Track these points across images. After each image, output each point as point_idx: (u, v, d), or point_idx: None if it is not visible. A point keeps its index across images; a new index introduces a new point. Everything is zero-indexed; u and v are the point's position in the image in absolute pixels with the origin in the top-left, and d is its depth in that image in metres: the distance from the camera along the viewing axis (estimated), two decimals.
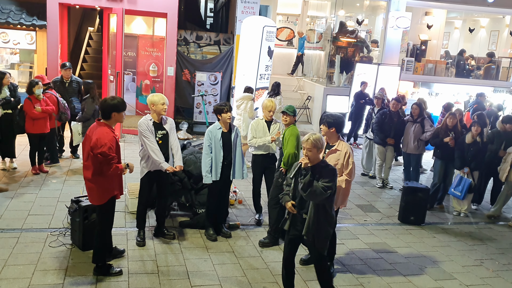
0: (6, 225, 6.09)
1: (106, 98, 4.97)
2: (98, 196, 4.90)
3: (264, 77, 11.53)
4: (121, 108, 4.89)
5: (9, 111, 7.85)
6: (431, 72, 14.37)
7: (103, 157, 4.66)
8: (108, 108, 4.82)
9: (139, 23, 12.25)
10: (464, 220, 7.88)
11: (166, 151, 5.77)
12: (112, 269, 5.09)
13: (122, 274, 5.08)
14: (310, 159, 4.47)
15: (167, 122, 5.84)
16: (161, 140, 5.73)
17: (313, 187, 4.36)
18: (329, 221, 4.59)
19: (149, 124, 5.66)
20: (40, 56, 11.39)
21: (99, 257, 5.04)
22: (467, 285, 5.62)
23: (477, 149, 7.69)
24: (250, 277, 5.31)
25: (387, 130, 8.89)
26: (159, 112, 5.67)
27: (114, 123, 4.93)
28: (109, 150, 4.68)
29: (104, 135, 4.72)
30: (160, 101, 5.64)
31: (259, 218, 6.88)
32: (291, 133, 5.93)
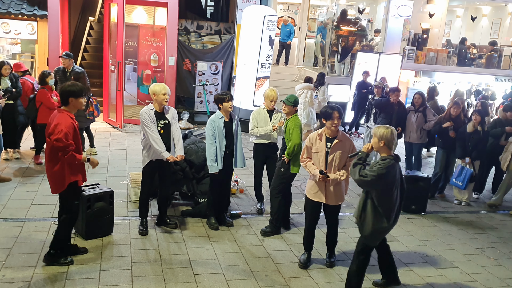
0: (10, 215, 6.14)
1: (64, 84, 4.95)
2: (55, 183, 4.87)
3: (265, 67, 11.52)
4: (78, 94, 4.82)
5: (10, 101, 7.86)
6: (433, 61, 14.33)
7: (59, 143, 4.63)
8: (65, 93, 4.79)
9: (140, 13, 12.20)
10: (465, 209, 7.90)
11: (167, 141, 5.78)
12: (65, 259, 5.02)
13: (72, 264, 5.00)
14: (374, 147, 4.61)
15: (169, 112, 5.84)
16: (163, 130, 5.74)
17: (352, 169, 4.60)
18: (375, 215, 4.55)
19: (150, 114, 5.67)
20: (41, 46, 11.38)
21: (57, 244, 5.00)
22: (468, 273, 5.66)
23: (478, 138, 7.70)
24: (252, 265, 5.35)
25: (387, 118, 8.86)
26: (161, 102, 5.68)
27: (73, 109, 4.88)
28: (65, 136, 4.64)
29: (62, 121, 4.69)
30: (161, 91, 5.64)
31: (261, 207, 6.91)
32: (295, 124, 5.94)
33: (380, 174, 4.40)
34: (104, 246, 5.51)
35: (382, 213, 4.54)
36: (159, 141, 5.62)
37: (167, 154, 5.65)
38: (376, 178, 4.40)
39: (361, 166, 4.55)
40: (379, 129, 4.57)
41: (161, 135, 5.70)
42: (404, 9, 13.57)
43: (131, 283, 4.79)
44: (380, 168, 4.42)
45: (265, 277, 5.13)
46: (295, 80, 15.07)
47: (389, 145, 4.53)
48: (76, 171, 4.91)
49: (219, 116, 6.03)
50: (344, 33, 14.76)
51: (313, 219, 5.48)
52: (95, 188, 5.77)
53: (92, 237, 5.60)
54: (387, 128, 4.56)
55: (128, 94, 11.75)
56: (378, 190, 4.51)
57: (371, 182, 4.43)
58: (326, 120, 5.16)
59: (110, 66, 11.19)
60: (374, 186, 4.49)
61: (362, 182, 4.47)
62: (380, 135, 4.52)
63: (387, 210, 4.54)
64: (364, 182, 4.46)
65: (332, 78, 13.45)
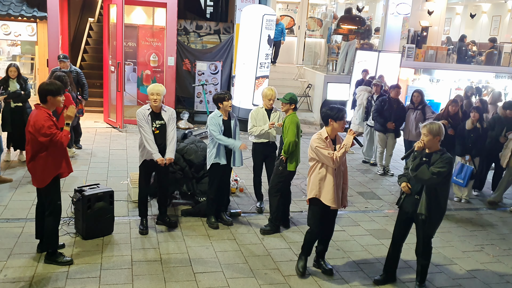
0: (11, 215, 6.18)
1: (42, 83, 5.03)
2: (38, 178, 4.93)
3: (264, 66, 11.55)
4: (56, 93, 4.91)
5: (19, 104, 7.94)
6: (432, 58, 14.30)
7: (46, 137, 4.72)
8: (43, 92, 4.89)
9: (139, 13, 12.23)
10: (464, 206, 7.92)
11: (163, 142, 5.80)
12: (63, 258, 5.09)
13: (72, 264, 5.06)
14: (426, 145, 4.73)
15: (166, 113, 5.85)
16: (158, 130, 5.76)
17: (422, 169, 4.66)
18: (439, 208, 4.81)
19: (145, 114, 5.70)
20: (41, 48, 11.41)
21: (51, 243, 5.06)
22: (467, 270, 5.68)
23: (477, 136, 7.71)
24: (252, 263, 5.38)
25: (387, 117, 8.90)
26: (150, 102, 5.73)
27: (51, 107, 4.97)
28: (48, 129, 4.73)
29: (39, 117, 4.79)
30: (149, 91, 5.70)
31: (260, 206, 6.94)
32: (291, 121, 5.96)
33: (450, 168, 4.70)
34: (105, 246, 5.54)
35: (443, 203, 4.84)
36: (152, 142, 5.66)
37: (157, 156, 5.68)
38: (448, 172, 4.67)
39: (426, 165, 4.71)
40: (433, 125, 4.72)
41: (156, 135, 5.72)
42: (403, 7, 13.56)
43: (131, 282, 4.82)
44: (448, 163, 4.66)
45: (264, 275, 5.16)
46: (294, 79, 15.09)
47: (441, 139, 4.78)
48: (60, 164, 4.96)
49: (218, 114, 6.07)
50: (344, 32, 14.75)
51: (320, 225, 5.20)
52: (95, 188, 5.80)
53: (92, 237, 5.63)
54: (438, 123, 4.77)
55: (128, 94, 11.78)
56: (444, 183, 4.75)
57: (444, 178, 4.68)
58: (335, 121, 4.98)
59: (110, 67, 11.22)
60: (444, 181, 4.71)
61: (435, 180, 4.63)
62: (437, 131, 4.69)
63: (446, 200, 4.91)
64: (437, 180, 4.63)
65: (332, 76, 13.47)
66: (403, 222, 5.10)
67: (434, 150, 4.78)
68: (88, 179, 7.44)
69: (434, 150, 4.78)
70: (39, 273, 4.87)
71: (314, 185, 5.02)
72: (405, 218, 5.05)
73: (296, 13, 17.04)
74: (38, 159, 4.87)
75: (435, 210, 4.81)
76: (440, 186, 4.75)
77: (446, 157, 4.70)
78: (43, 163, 4.86)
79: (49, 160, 4.87)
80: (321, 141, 4.95)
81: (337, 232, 6.40)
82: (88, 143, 9.68)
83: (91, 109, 12.32)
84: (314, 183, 5.02)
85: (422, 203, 4.79)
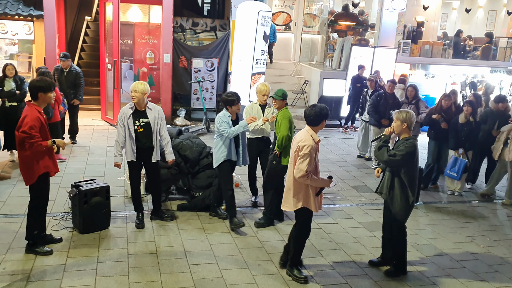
0: (10, 211, 6.28)
1: (33, 80, 5.13)
2: (26, 175, 5.03)
3: (260, 62, 11.63)
4: (47, 89, 5.01)
5: (14, 103, 7.95)
6: (428, 53, 14.41)
7: (24, 134, 4.82)
8: (34, 89, 4.99)
9: (135, 11, 12.30)
10: (457, 199, 8.03)
11: (147, 140, 5.85)
12: (42, 248, 5.22)
13: (52, 254, 5.19)
14: (395, 130, 5.07)
15: (152, 111, 5.86)
16: (142, 128, 5.79)
17: (382, 150, 5.02)
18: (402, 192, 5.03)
19: (127, 113, 5.75)
20: (38, 46, 11.51)
21: (29, 234, 5.20)
22: (457, 260, 5.79)
23: (470, 129, 7.81)
24: (246, 255, 5.49)
25: (382, 111, 8.99)
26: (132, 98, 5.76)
27: (42, 103, 5.06)
28: (30, 129, 4.81)
29: (28, 115, 4.88)
30: (133, 88, 5.72)
31: (255, 200, 7.05)
32: (283, 116, 6.06)
33: (410, 152, 4.93)
34: (101, 240, 5.65)
35: (408, 189, 5.03)
36: (118, 144, 5.80)
37: (117, 160, 5.84)
38: (405, 156, 4.91)
39: (387, 147, 5.06)
40: (401, 113, 5.03)
41: (140, 133, 5.78)
42: (398, 2, 13.64)
43: (127, 274, 4.93)
44: (408, 147, 4.93)
45: (258, 266, 5.26)
46: (291, 75, 15.18)
47: (410, 127, 5.06)
48: (45, 161, 5.05)
49: (227, 114, 6.10)
50: (342, 28, 14.84)
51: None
52: (91, 184, 5.89)
53: (89, 231, 5.74)
54: (408, 112, 5.06)
55: (125, 92, 11.85)
56: (405, 167, 5.00)
57: (400, 161, 4.94)
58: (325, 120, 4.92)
59: (106, 65, 11.31)
60: (403, 164, 4.98)
61: (391, 161, 4.98)
62: (404, 118, 5.00)
63: (413, 186, 5.06)
64: (393, 161, 4.96)
65: (328, 72, 13.56)
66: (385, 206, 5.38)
67: (404, 137, 5.07)
68: (85, 175, 7.54)
69: (404, 136, 5.07)
70: (37, 266, 4.98)
71: (299, 194, 4.82)
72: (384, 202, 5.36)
73: (292, 9, 17.11)
74: (24, 158, 4.97)
75: (399, 194, 5.03)
76: (402, 168, 5.01)
77: (408, 142, 4.97)
78: (29, 162, 4.96)
79: (34, 159, 4.96)
80: (312, 149, 4.69)
81: (330, 224, 6.53)
82: (86, 140, 9.78)
83: (89, 106, 12.42)
84: (299, 191, 4.82)
85: (383, 183, 5.18)
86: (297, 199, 4.85)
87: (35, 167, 4.98)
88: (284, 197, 5.02)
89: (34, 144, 4.85)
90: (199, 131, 10.84)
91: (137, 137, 5.79)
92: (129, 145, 5.78)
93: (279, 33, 16.38)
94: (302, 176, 4.66)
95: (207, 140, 10.11)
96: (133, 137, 5.76)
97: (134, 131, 5.76)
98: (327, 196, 7.58)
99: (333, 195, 7.63)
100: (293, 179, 4.82)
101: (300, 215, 4.97)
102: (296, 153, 4.73)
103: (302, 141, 4.71)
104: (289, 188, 4.90)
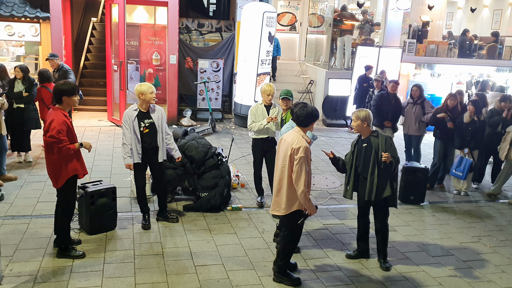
0: (17, 212, 6.33)
1: (57, 83, 5.14)
2: (54, 179, 5.08)
3: (265, 63, 11.65)
4: (71, 93, 5.02)
5: (21, 105, 8.00)
6: (433, 53, 14.34)
7: (52, 139, 4.85)
8: (58, 92, 5.01)
9: (141, 12, 12.35)
10: (464, 198, 8.00)
11: (152, 140, 5.89)
12: (75, 252, 5.25)
13: (85, 257, 5.23)
14: (356, 129, 5.23)
15: (155, 111, 5.91)
16: (148, 129, 5.84)
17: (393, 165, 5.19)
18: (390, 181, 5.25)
19: (132, 115, 5.77)
20: (45, 48, 11.56)
21: (63, 239, 5.23)
22: (463, 260, 5.77)
23: (475, 128, 7.78)
24: (252, 256, 5.50)
25: (385, 112, 8.95)
26: (148, 101, 5.77)
27: (66, 107, 5.09)
28: (58, 133, 4.84)
29: (55, 119, 4.91)
30: (148, 90, 5.74)
31: (261, 201, 7.05)
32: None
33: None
34: (108, 240, 5.68)
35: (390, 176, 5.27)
36: (126, 146, 5.77)
37: (128, 161, 5.80)
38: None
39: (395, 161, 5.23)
40: (360, 112, 5.14)
41: (145, 134, 5.81)
42: (403, 2, 13.58)
43: (133, 275, 4.95)
44: (391, 143, 5.18)
45: (264, 267, 5.27)
46: (297, 75, 15.18)
47: (370, 124, 5.21)
48: (73, 164, 5.08)
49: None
50: (347, 27, 14.81)
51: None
52: (98, 185, 5.92)
53: (96, 232, 5.78)
54: (365, 110, 5.22)
55: (131, 93, 11.90)
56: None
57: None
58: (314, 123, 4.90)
59: (112, 66, 11.37)
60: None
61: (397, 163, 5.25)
62: (364, 117, 5.12)
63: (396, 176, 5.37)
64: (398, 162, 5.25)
65: (333, 72, 13.55)
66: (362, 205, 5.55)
67: (367, 135, 5.22)
68: (92, 176, 7.57)
69: (367, 134, 5.22)
70: (43, 267, 5.01)
71: (293, 196, 4.72)
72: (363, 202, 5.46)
73: (297, 9, 17.10)
74: (52, 161, 5.02)
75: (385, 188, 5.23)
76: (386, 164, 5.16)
77: (387, 140, 5.16)
78: (57, 165, 5.01)
79: (62, 162, 5.00)
80: (307, 150, 4.62)
81: (336, 225, 6.52)
82: (92, 141, 9.81)
83: (95, 108, 12.50)
84: (293, 194, 4.71)
85: (373, 188, 5.22)
86: (291, 202, 4.73)
87: (63, 170, 5.02)
88: (273, 201, 4.88)
89: (62, 149, 4.89)
90: (204, 132, 10.87)
91: (142, 138, 5.82)
92: (134, 147, 5.80)
93: (284, 33, 16.40)
94: (302, 192, 4.60)
95: (213, 140, 10.15)
96: (138, 138, 5.79)
97: (140, 133, 5.79)
98: (333, 197, 7.59)
99: (339, 196, 7.62)
100: (286, 182, 4.69)
101: (292, 219, 4.82)
102: (291, 156, 4.60)
103: (295, 144, 4.59)
104: (279, 190, 4.79)
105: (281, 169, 4.73)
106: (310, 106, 4.83)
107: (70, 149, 4.96)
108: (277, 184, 4.82)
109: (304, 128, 4.77)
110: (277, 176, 4.80)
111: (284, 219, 4.97)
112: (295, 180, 4.61)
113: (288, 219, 4.86)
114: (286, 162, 4.65)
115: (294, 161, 4.58)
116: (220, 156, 7.04)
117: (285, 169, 4.67)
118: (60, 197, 5.21)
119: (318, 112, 4.87)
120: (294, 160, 4.58)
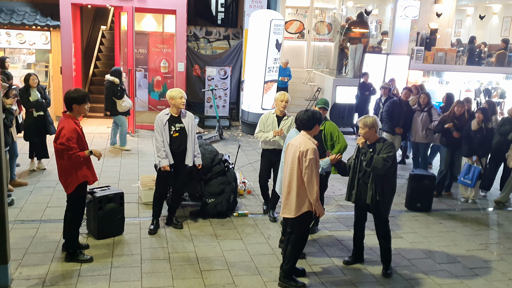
0: (26, 217, 6.41)
1: (68, 91, 5.20)
2: (64, 185, 5.16)
3: (272, 70, 11.71)
4: (81, 101, 5.09)
5: (41, 113, 8.11)
6: (442, 60, 14.34)
7: (62, 146, 4.92)
8: (69, 100, 5.08)
9: (149, 21, 12.49)
10: (471, 206, 7.97)
11: (182, 144, 6.02)
12: (83, 256, 5.32)
13: (92, 261, 5.29)
14: (364, 136, 5.20)
15: (186, 116, 6.08)
16: (178, 133, 5.99)
17: (375, 160, 5.04)
18: (391, 189, 5.26)
19: (164, 119, 5.92)
20: (55, 56, 11.74)
21: (70, 243, 5.29)
22: (470, 267, 5.75)
23: (483, 136, 7.76)
24: (257, 262, 5.53)
25: (396, 119, 8.99)
26: (178, 105, 5.94)
27: (77, 114, 5.15)
28: (67, 140, 4.91)
29: (65, 126, 4.98)
30: (178, 95, 5.91)
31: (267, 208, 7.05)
32: (334, 127, 6.08)
33: (395, 151, 5.17)
34: (115, 245, 5.74)
35: (394, 185, 5.29)
36: (160, 149, 5.90)
37: (164, 163, 5.90)
38: (394, 157, 5.11)
39: (375, 155, 5.11)
40: (367, 119, 5.14)
41: (175, 138, 5.96)
42: (410, 9, 13.65)
43: (140, 279, 5.00)
44: (392, 147, 5.14)
45: (269, 272, 5.29)
46: (304, 83, 15.23)
47: (377, 130, 5.25)
48: (83, 171, 5.15)
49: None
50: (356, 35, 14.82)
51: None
52: (106, 190, 5.99)
53: (103, 237, 5.84)
54: (372, 116, 5.24)
55: (140, 100, 12.03)
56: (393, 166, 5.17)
57: (392, 162, 5.08)
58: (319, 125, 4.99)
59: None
60: (393, 164, 5.15)
61: (387, 164, 5.04)
62: (371, 124, 5.14)
63: (395, 180, 5.33)
64: (389, 163, 5.05)
65: (341, 80, 13.58)
66: (361, 210, 5.55)
67: (374, 141, 5.22)
68: (100, 182, 7.63)
69: (374, 140, 5.22)
70: (52, 270, 5.08)
71: (303, 198, 4.79)
72: (363, 206, 5.46)
73: (305, 17, 17.18)
74: (62, 167, 5.10)
75: (386, 191, 5.22)
76: (389, 170, 5.14)
77: (388, 142, 5.19)
78: (67, 171, 5.09)
79: (72, 169, 5.08)
80: (315, 151, 4.71)
81: (342, 231, 6.53)
82: (101, 148, 9.92)
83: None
84: (303, 196, 4.78)
85: (372, 192, 5.21)
86: (301, 204, 4.80)
87: (73, 176, 5.10)
88: (283, 204, 4.95)
89: (72, 156, 4.97)
90: (212, 139, 10.93)
91: (171, 142, 5.97)
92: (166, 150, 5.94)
93: (291, 40, 16.47)
94: (316, 192, 4.72)
95: (220, 147, 10.21)
96: (168, 142, 5.95)
97: (170, 136, 5.94)
98: (340, 204, 7.60)
99: (346, 203, 7.61)
100: (295, 185, 4.77)
101: (301, 220, 4.89)
102: (299, 159, 4.68)
103: (303, 147, 4.68)
104: (288, 193, 4.86)
105: (290, 172, 4.81)
106: (311, 110, 4.96)
107: (79, 157, 5.04)
108: (286, 187, 4.89)
109: (309, 131, 4.86)
110: (286, 180, 4.88)
111: (293, 222, 4.99)
112: (307, 183, 4.70)
113: (298, 221, 4.92)
114: (295, 165, 4.73)
115: (303, 164, 4.65)
116: (226, 162, 7.08)
117: (294, 172, 4.76)
118: (69, 203, 5.29)
119: (321, 115, 5.00)
120: (304, 163, 4.65)
